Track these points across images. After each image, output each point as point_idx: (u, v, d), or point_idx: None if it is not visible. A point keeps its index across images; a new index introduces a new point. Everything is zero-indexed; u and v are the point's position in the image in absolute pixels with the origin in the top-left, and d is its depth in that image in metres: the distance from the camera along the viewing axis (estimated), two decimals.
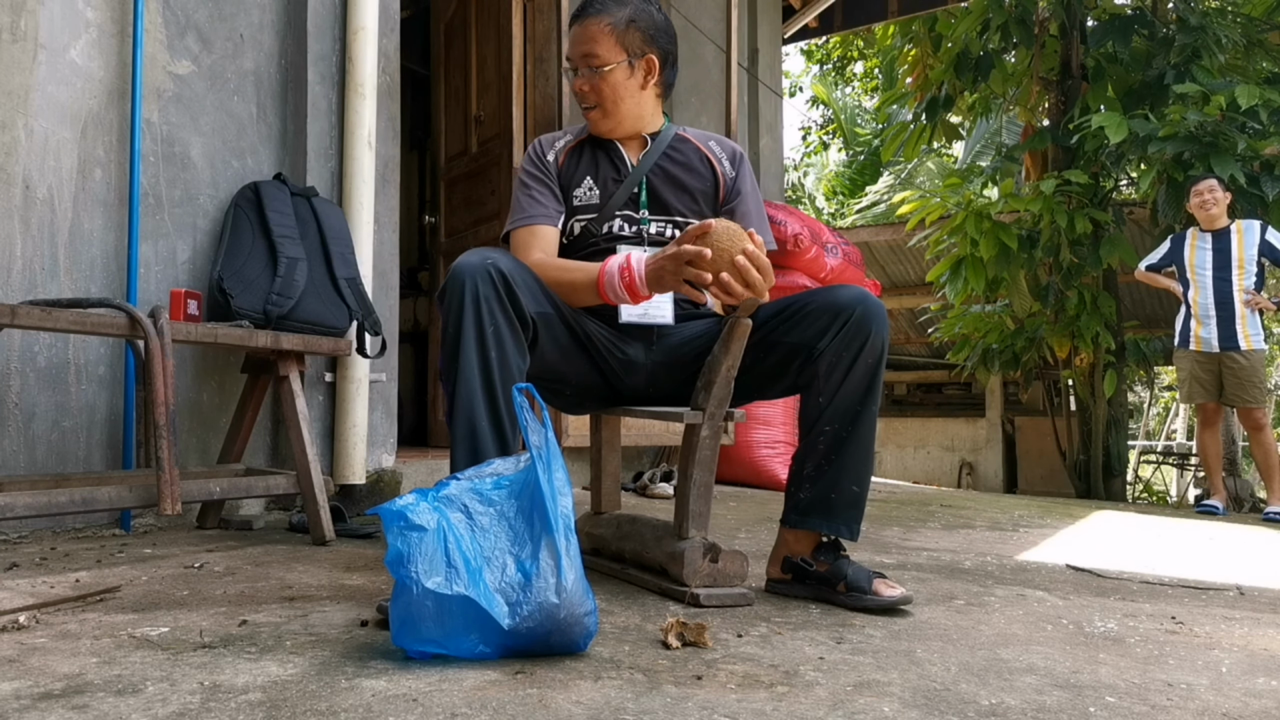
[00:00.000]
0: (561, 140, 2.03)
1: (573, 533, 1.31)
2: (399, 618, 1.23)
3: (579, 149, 2.02)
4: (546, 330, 1.72)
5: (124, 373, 2.55)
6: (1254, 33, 6.54)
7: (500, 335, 1.60)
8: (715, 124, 5.01)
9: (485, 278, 1.59)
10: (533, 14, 3.90)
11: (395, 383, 3.16)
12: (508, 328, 1.61)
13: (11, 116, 2.35)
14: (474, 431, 1.58)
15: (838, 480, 1.75)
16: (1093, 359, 6.66)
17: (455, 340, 1.59)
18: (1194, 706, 1.19)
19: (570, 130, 2.08)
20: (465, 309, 1.59)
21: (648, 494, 3.89)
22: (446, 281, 1.63)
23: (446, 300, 1.62)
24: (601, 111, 1.94)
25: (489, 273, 1.59)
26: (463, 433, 1.59)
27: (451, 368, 1.60)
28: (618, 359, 1.86)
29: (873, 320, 1.71)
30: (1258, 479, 7.59)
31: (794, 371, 1.79)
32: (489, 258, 1.62)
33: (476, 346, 1.59)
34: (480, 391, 1.59)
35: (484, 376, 1.59)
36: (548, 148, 2.01)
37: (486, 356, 1.59)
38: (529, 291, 1.66)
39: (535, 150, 2.01)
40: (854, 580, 1.71)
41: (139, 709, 1.06)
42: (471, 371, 1.58)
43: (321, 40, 2.95)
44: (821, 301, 1.75)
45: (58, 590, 1.69)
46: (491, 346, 1.59)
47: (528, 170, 1.98)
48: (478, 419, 1.58)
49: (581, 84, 1.92)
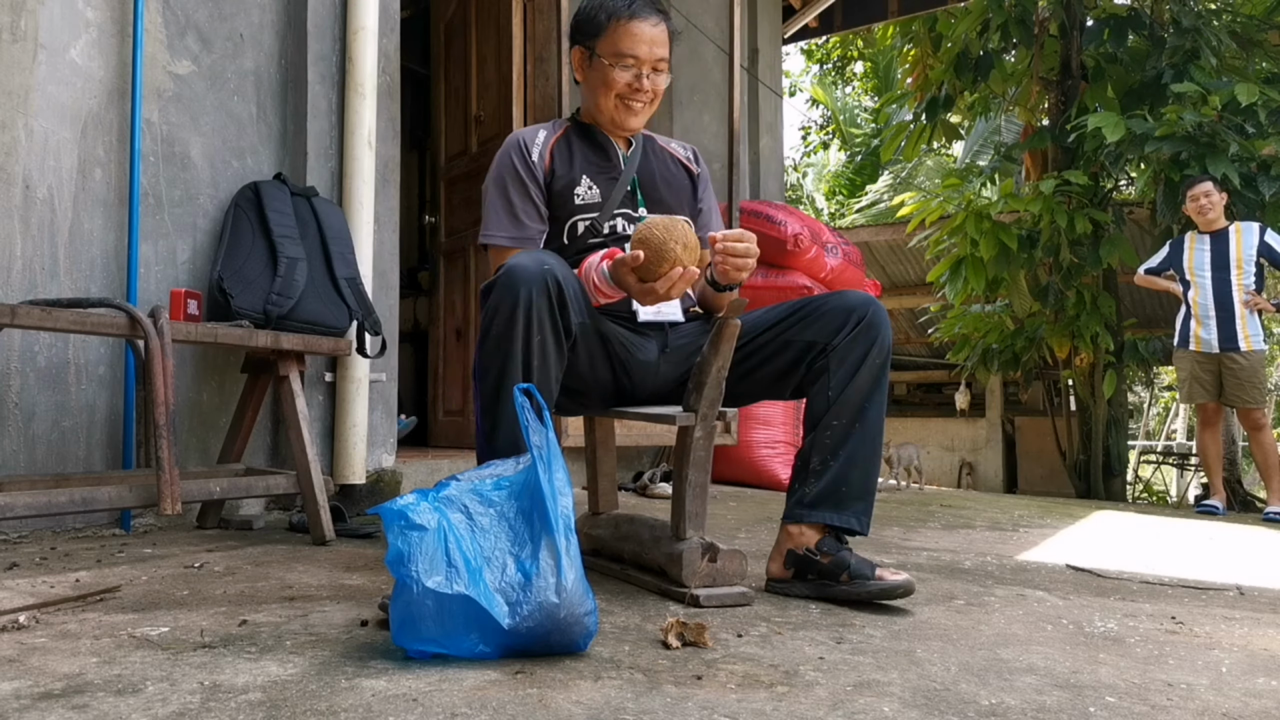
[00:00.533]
0: (540, 136, 1.99)
1: (573, 532, 1.31)
2: (399, 617, 1.23)
3: (565, 143, 1.99)
4: (583, 339, 1.73)
5: (124, 373, 2.55)
6: (1253, 32, 6.53)
7: (545, 347, 1.61)
8: (716, 124, 5.02)
9: (541, 288, 1.59)
10: (533, 14, 3.90)
11: (395, 383, 3.16)
12: (553, 339, 1.62)
13: (11, 116, 2.35)
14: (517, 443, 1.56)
15: (847, 473, 1.77)
16: (1093, 359, 6.66)
17: (504, 344, 1.59)
18: (1194, 706, 1.19)
19: (543, 126, 2.05)
20: (517, 315, 1.58)
21: (648, 494, 3.89)
22: (499, 280, 1.61)
23: (497, 300, 1.60)
24: (648, 110, 1.98)
25: (545, 282, 1.59)
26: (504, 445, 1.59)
27: (491, 370, 1.61)
28: (637, 359, 1.87)
29: (882, 322, 1.81)
30: (1257, 479, 7.59)
31: (803, 370, 1.83)
32: (546, 264, 1.61)
33: (523, 355, 1.59)
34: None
35: None
36: (530, 145, 1.96)
37: (530, 366, 1.60)
38: (576, 301, 1.66)
39: (519, 148, 1.95)
40: (857, 569, 1.72)
41: (139, 709, 1.06)
42: (514, 380, 1.58)
43: (321, 40, 2.95)
44: (834, 304, 1.81)
45: (58, 590, 1.69)
46: (535, 356, 1.60)
47: (515, 172, 1.93)
48: (518, 430, 1.58)
49: (648, 84, 1.93)
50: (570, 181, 1.94)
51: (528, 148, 1.96)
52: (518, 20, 3.82)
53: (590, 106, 2.02)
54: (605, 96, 1.95)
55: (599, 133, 2.01)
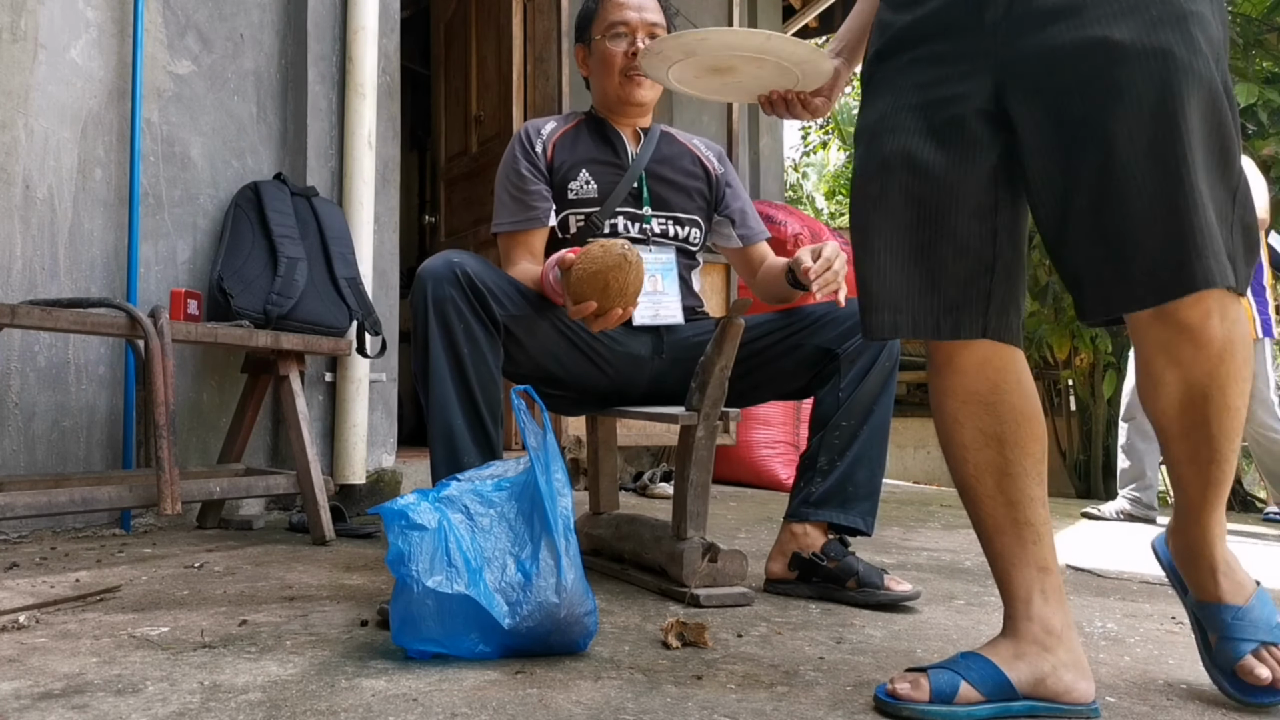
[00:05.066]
0: (548, 127, 1.99)
1: (572, 532, 1.31)
2: (399, 616, 1.23)
3: (572, 137, 1.98)
4: (529, 334, 1.71)
5: (124, 373, 2.55)
6: (1253, 33, 6.53)
7: (472, 334, 1.60)
8: (716, 124, 5.02)
9: (452, 281, 1.59)
10: (533, 14, 3.90)
11: (395, 383, 3.16)
12: (479, 326, 1.61)
13: (11, 116, 2.35)
14: (450, 431, 1.58)
15: (853, 473, 1.77)
16: (1092, 359, 6.66)
17: (425, 342, 1.59)
18: (1194, 707, 1.19)
19: (554, 117, 2.05)
20: (431, 312, 1.58)
21: (648, 494, 3.89)
22: (413, 285, 1.63)
23: (414, 304, 1.62)
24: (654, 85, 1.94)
25: (455, 275, 1.59)
26: (439, 432, 1.59)
27: (424, 370, 1.60)
28: (620, 353, 1.85)
29: None
30: (1258, 479, 7.60)
31: (812, 372, 1.84)
32: (454, 260, 1.61)
33: (446, 347, 1.59)
34: (454, 390, 1.58)
35: (458, 376, 1.59)
36: (535, 136, 1.96)
37: (459, 355, 1.59)
38: (500, 294, 1.65)
39: (523, 139, 1.96)
40: (866, 576, 1.72)
41: (139, 709, 1.06)
42: (444, 372, 1.58)
43: (321, 40, 2.95)
44: (847, 310, 1.82)
45: (58, 590, 1.69)
46: (464, 344, 1.59)
47: (517, 161, 1.93)
48: (452, 417, 1.58)
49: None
50: (567, 175, 1.93)
51: (532, 138, 1.96)
52: (518, 20, 3.82)
53: (599, 95, 2.01)
54: (609, 76, 1.94)
55: (609, 127, 2.00)
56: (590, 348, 1.82)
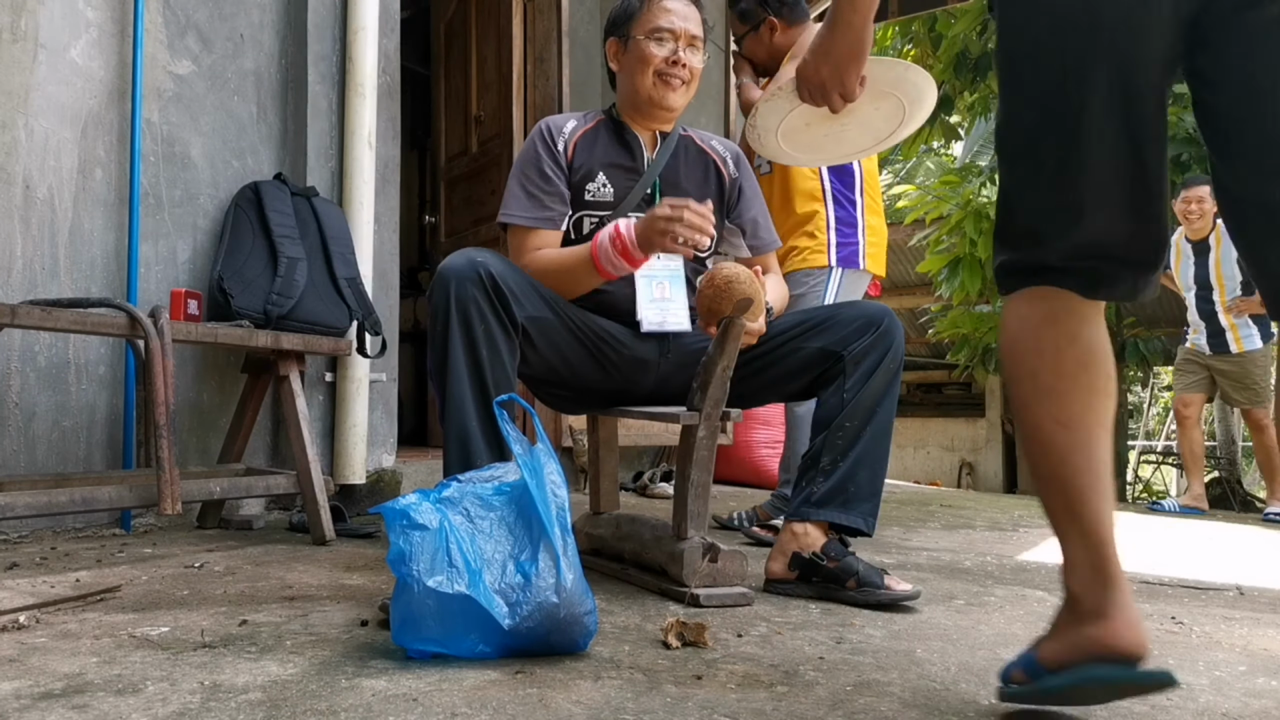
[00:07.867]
0: (569, 125, 1.99)
1: (569, 533, 1.31)
2: (400, 616, 1.23)
3: (591, 138, 1.98)
4: (542, 335, 1.72)
5: (124, 373, 2.55)
6: None
7: (491, 335, 1.60)
8: (713, 124, 5.01)
9: (475, 280, 1.59)
10: (533, 14, 3.90)
11: (395, 383, 3.16)
12: (499, 328, 1.61)
13: (12, 116, 2.35)
14: (466, 433, 1.58)
15: (855, 473, 1.77)
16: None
17: (444, 341, 1.59)
18: (1194, 707, 1.19)
19: (574, 115, 2.04)
20: (453, 311, 1.58)
21: (648, 494, 3.89)
22: (434, 282, 1.62)
23: (434, 301, 1.61)
24: (686, 90, 1.97)
25: (478, 275, 1.59)
26: (455, 434, 1.59)
27: (441, 369, 1.60)
28: (627, 357, 1.86)
29: (897, 331, 1.86)
30: (1257, 479, 7.60)
31: (816, 373, 1.85)
32: (477, 259, 1.61)
33: (466, 348, 1.59)
34: (471, 393, 1.59)
35: (475, 377, 1.59)
36: (557, 133, 1.96)
37: (478, 357, 1.59)
38: (521, 296, 1.65)
39: (545, 134, 1.95)
40: (866, 576, 1.72)
41: (139, 709, 1.06)
42: (461, 373, 1.58)
43: (322, 40, 2.95)
44: (854, 312, 1.85)
45: (58, 590, 1.69)
46: (482, 346, 1.59)
47: (539, 158, 1.92)
48: (468, 420, 1.58)
49: (683, 59, 1.94)
50: (585, 176, 1.94)
51: (554, 135, 1.96)
52: (518, 20, 3.82)
53: (628, 92, 2.00)
54: (643, 74, 1.94)
55: (628, 130, 2.00)
56: (599, 350, 1.83)
